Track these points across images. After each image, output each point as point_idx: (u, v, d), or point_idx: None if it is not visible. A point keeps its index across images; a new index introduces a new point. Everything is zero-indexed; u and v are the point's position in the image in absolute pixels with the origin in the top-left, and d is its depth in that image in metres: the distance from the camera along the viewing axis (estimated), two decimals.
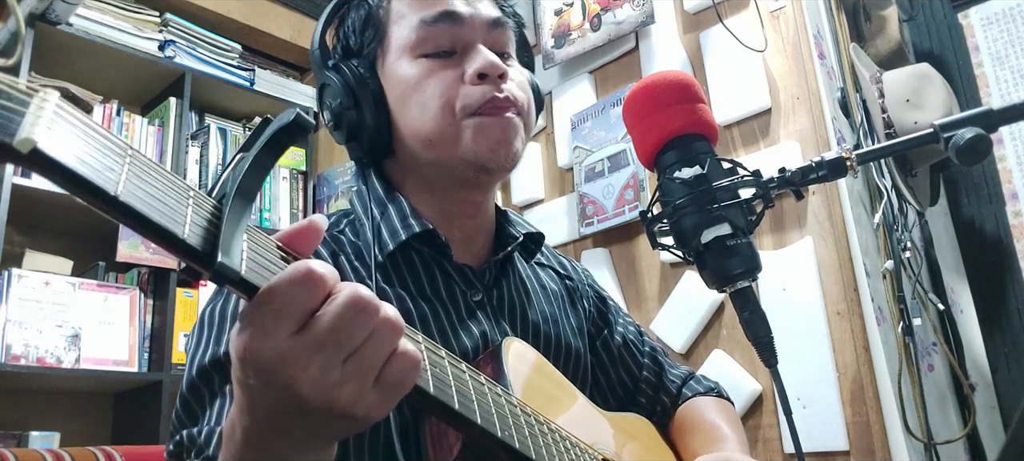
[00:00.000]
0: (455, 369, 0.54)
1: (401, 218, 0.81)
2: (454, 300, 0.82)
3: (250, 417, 0.46)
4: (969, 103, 2.08)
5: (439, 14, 0.81)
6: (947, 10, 2.19)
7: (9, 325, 1.87)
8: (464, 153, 0.79)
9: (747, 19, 1.80)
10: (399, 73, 0.81)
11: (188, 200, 0.40)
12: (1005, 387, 1.90)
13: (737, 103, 1.78)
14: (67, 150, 0.35)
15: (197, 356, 0.72)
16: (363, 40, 0.85)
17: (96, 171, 0.35)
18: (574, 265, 1.06)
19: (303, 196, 2.70)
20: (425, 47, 0.81)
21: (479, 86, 0.79)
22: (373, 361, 0.44)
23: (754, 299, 0.72)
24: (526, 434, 0.60)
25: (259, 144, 0.44)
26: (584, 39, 2.09)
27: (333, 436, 0.48)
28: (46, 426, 1.95)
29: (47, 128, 0.34)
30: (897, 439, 1.47)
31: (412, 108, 0.80)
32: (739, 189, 0.73)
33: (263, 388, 0.44)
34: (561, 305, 0.96)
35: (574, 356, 0.92)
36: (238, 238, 0.41)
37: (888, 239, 1.70)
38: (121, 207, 0.36)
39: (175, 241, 0.38)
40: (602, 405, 0.89)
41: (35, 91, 0.35)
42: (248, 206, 0.43)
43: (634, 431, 0.91)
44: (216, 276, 0.40)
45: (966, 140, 0.65)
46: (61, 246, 2.17)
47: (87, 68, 2.26)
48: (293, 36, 2.80)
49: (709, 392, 1.04)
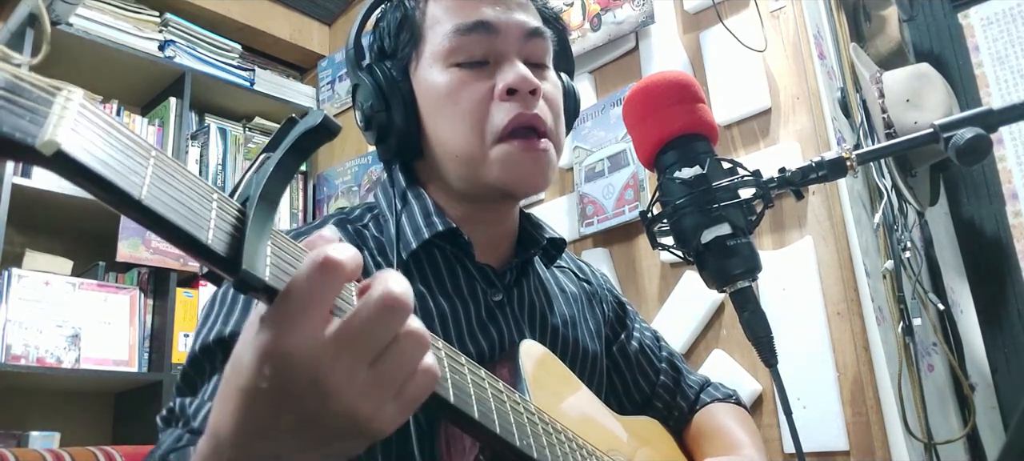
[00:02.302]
0: (475, 376, 0.54)
1: (425, 216, 0.81)
2: (475, 299, 0.82)
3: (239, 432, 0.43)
4: (969, 103, 2.08)
5: (474, 23, 0.79)
6: (947, 10, 2.19)
7: (9, 325, 1.87)
8: (492, 180, 0.79)
9: (747, 19, 1.80)
10: (431, 81, 0.81)
11: (212, 203, 0.39)
12: (1005, 387, 1.90)
13: (737, 103, 1.78)
14: (91, 152, 0.33)
15: (203, 332, 0.72)
16: (398, 43, 0.84)
17: (121, 174, 0.34)
18: (593, 269, 1.06)
19: (303, 196, 2.69)
20: (458, 56, 0.80)
21: (507, 102, 0.78)
22: (397, 373, 0.43)
23: (754, 299, 0.72)
24: (544, 443, 0.60)
25: (284, 147, 0.42)
26: (584, 39, 2.09)
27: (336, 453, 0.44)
28: (46, 426, 1.95)
29: (71, 129, 0.32)
30: (897, 439, 1.47)
31: (442, 120, 0.80)
32: (739, 189, 0.73)
33: (279, 392, 0.41)
34: (580, 308, 0.96)
35: (591, 359, 0.92)
36: (263, 244, 0.40)
37: (888, 239, 1.69)
38: (145, 211, 0.35)
39: (199, 247, 0.37)
40: (618, 409, 0.89)
41: (58, 89, 0.34)
42: (272, 211, 0.41)
43: (647, 435, 0.91)
44: (240, 284, 0.39)
45: (966, 140, 0.65)
46: (61, 246, 2.17)
47: (87, 68, 2.26)
48: (293, 36, 2.80)
49: (727, 399, 1.03)
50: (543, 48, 0.84)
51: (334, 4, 2.86)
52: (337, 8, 2.89)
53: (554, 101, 0.84)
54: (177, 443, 0.64)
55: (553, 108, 0.83)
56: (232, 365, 0.44)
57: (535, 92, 0.79)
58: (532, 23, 0.83)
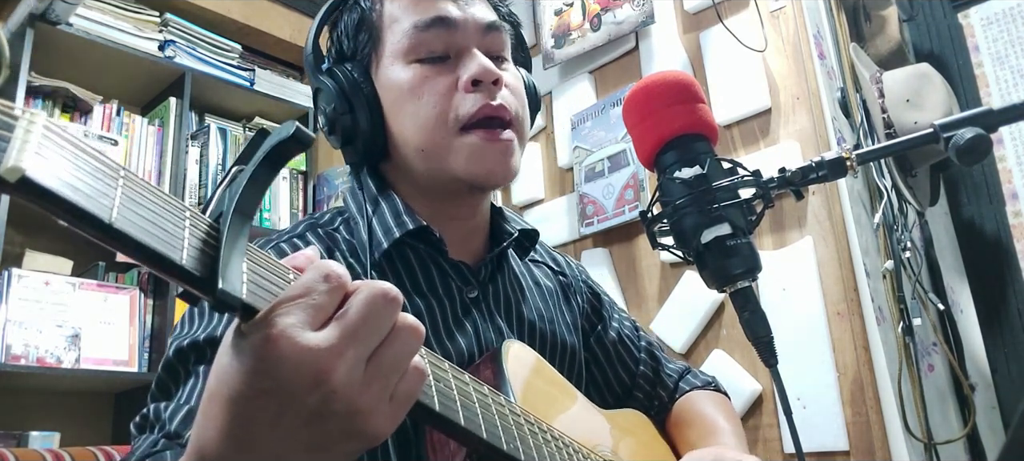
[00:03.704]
0: (459, 381, 0.54)
1: (395, 215, 0.81)
2: (450, 296, 0.82)
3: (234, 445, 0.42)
4: (969, 103, 2.08)
5: (433, 19, 0.80)
6: (947, 10, 2.19)
7: (9, 325, 1.87)
8: (458, 172, 0.79)
9: (747, 19, 1.80)
10: (393, 78, 0.81)
11: (184, 222, 0.38)
12: (1005, 387, 1.90)
13: (737, 103, 1.78)
14: (58, 177, 0.32)
15: (178, 338, 0.72)
16: (357, 44, 0.85)
17: (89, 198, 0.34)
18: (568, 261, 1.06)
19: (303, 196, 2.69)
20: (419, 52, 0.80)
21: (472, 93, 0.78)
22: (394, 366, 0.43)
23: (754, 299, 0.72)
24: (531, 445, 0.60)
25: (256, 159, 0.42)
26: (584, 39, 2.09)
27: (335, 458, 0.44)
28: (46, 426, 1.95)
29: (36, 153, 0.32)
30: (897, 439, 1.47)
31: (406, 116, 0.80)
32: (739, 189, 0.73)
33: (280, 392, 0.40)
34: (556, 301, 0.96)
35: (569, 353, 0.92)
36: (237, 261, 0.39)
37: (888, 239, 1.70)
38: (115, 234, 0.34)
39: (172, 267, 0.37)
40: (599, 401, 0.90)
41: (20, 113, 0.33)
42: (247, 224, 0.41)
43: (630, 427, 0.91)
44: (218, 304, 0.38)
45: (966, 140, 0.65)
46: (61, 246, 2.17)
47: (87, 68, 2.26)
48: (293, 36, 2.80)
49: (706, 386, 1.04)
50: (501, 41, 0.85)
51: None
52: None
53: (517, 90, 0.84)
54: (152, 448, 0.63)
55: (517, 97, 0.84)
56: (218, 376, 0.43)
57: (498, 82, 0.80)
58: (489, 17, 0.84)
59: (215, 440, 0.42)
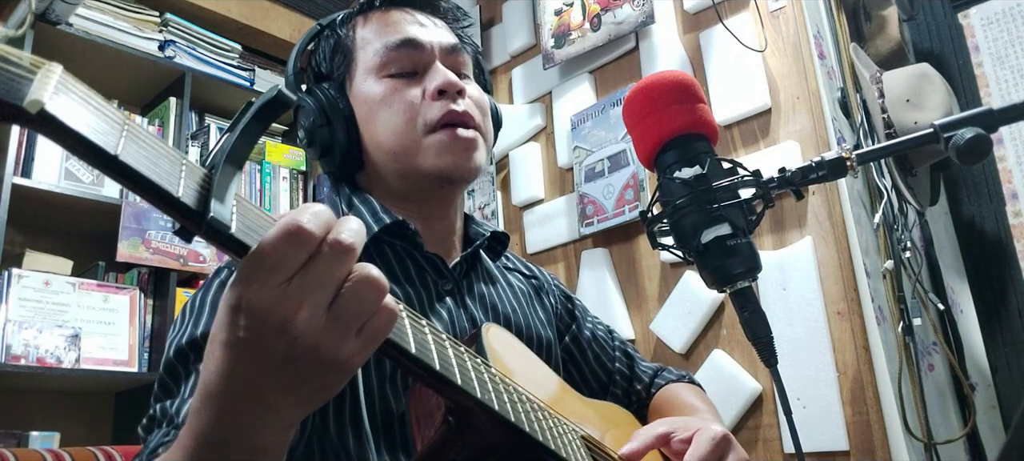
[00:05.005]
0: (436, 337, 0.56)
1: (372, 213, 0.87)
2: (426, 287, 0.87)
3: (227, 381, 0.47)
4: (969, 103, 2.08)
5: (402, 40, 0.89)
6: (947, 10, 2.19)
7: (9, 325, 1.87)
8: (427, 168, 0.86)
9: (747, 19, 1.80)
10: (367, 91, 0.89)
11: (181, 167, 0.43)
12: (1005, 387, 1.90)
13: (737, 103, 1.78)
14: (72, 113, 0.38)
15: (176, 337, 0.76)
16: (333, 65, 0.94)
17: (98, 133, 0.39)
18: (540, 269, 1.12)
19: (303, 196, 2.69)
20: (389, 68, 0.89)
21: (438, 101, 0.87)
22: (356, 312, 0.46)
23: (754, 299, 0.72)
24: (505, 400, 0.61)
25: (247, 118, 0.47)
26: (584, 39, 2.09)
27: (314, 389, 0.49)
28: (46, 426, 1.95)
29: (54, 93, 0.37)
30: (897, 439, 1.47)
31: (379, 123, 0.88)
32: (739, 189, 0.73)
33: (254, 338, 0.46)
34: (529, 301, 1.01)
35: (546, 347, 0.96)
36: (228, 198, 0.44)
37: (888, 239, 1.70)
38: (120, 166, 0.39)
39: (170, 199, 0.41)
40: None
41: (41, 63, 0.39)
42: (237, 171, 0.46)
43: (616, 419, 0.93)
44: (208, 230, 0.42)
45: (966, 140, 0.65)
46: (61, 246, 2.17)
47: (87, 68, 2.26)
48: (293, 36, 2.79)
49: (681, 379, 1.09)
50: (463, 61, 0.94)
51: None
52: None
53: (480, 102, 0.92)
54: (164, 438, 0.67)
55: (480, 108, 0.92)
56: (216, 322, 0.48)
57: (462, 93, 0.89)
58: (452, 39, 0.94)
59: (214, 374, 0.48)
